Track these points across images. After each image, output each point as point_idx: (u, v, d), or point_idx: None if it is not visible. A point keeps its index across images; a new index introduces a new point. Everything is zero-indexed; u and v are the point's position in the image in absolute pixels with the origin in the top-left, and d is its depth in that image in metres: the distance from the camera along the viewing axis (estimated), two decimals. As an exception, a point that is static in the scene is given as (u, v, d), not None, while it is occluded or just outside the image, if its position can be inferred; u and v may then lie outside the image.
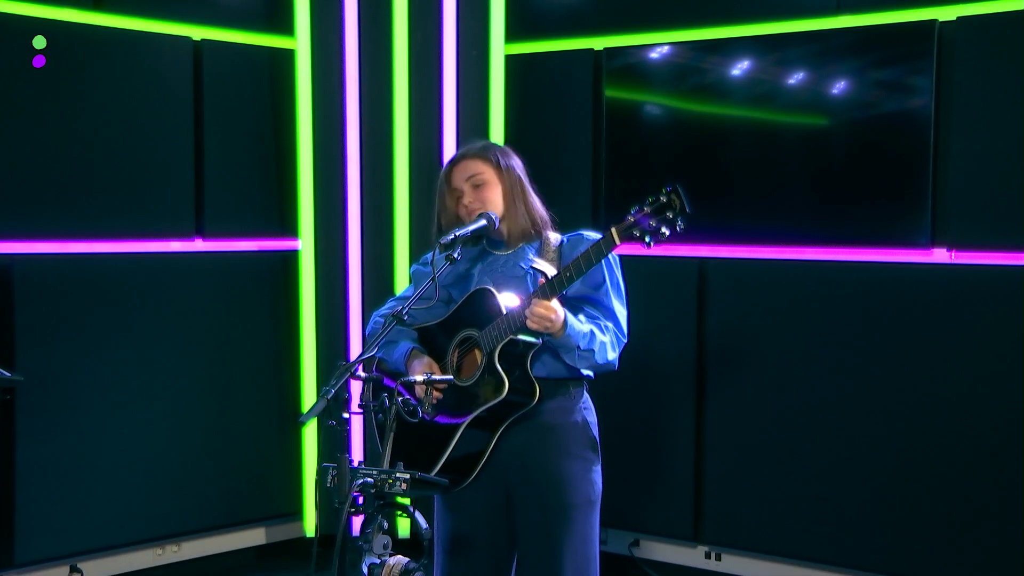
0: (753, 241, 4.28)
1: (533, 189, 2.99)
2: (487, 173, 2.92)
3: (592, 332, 2.79)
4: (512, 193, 2.94)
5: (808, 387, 4.15)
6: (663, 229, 2.61)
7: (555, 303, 2.69)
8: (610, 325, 2.88)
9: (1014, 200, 3.77)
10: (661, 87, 4.53)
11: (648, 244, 2.63)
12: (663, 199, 2.61)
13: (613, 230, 2.65)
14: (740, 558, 4.38)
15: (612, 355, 2.85)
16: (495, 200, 2.92)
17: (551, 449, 2.85)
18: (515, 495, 2.88)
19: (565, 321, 2.71)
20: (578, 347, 2.76)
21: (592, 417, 2.94)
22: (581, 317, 2.82)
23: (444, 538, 2.95)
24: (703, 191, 4.39)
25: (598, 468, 2.92)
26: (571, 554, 2.85)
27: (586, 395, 2.94)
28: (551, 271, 2.77)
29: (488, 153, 2.96)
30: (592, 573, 2.91)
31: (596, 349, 2.79)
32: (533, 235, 2.94)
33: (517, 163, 3.00)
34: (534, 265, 2.81)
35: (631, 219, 2.64)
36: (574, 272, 2.69)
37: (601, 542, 4.47)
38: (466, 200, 2.91)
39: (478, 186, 2.91)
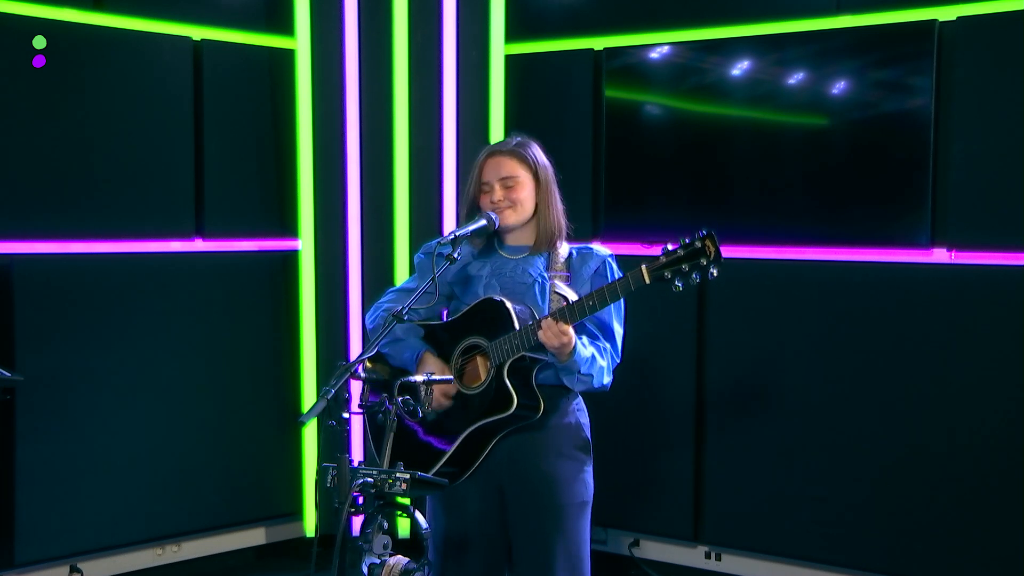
0: (753, 241, 4.28)
1: (560, 194, 2.98)
2: (521, 174, 2.90)
3: (593, 356, 2.81)
4: (546, 196, 2.93)
5: (808, 386, 4.15)
6: (694, 275, 2.60)
7: (570, 330, 2.69)
8: (607, 347, 2.89)
9: (1014, 200, 3.77)
10: (661, 87, 4.53)
11: (677, 288, 2.62)
12: (697, 244, 2.60)
13: (644, 269, 2.65)
14: (740, 558, 4.38)
15: (607, 379, 2.87)
16: (524, 200, 2.90)
17: (544, 449, 2.86)
18: (508, 495, 2.89)
19: (574, 346, 2.72)
20: (579, 371, 2.78)
21: (584, 418, 2.95)
22: (584, 339, 2.82)
23: (438, 538, 2.95)
24: (703, 191, 4.41)
25: (590, 469, 2.93)
26: (564, 554, 2.85)
27: (579, 396, 2.95)
28: (571, 295, 2.79)
29: (526, 152, 2.93)
30: (584, 573, 2.92)
31: (594, 374, 2.81)
32: (554, 241, 2.92)
33: (550, 164, 2.98)
34: (557, 291, 2.82)
35: (663, 259, 2.63)
36: (597, 303, 2.69)
37: (601, 542, 4.52)
38: (495, 197, 2.89)
39: (510, 186, 2.89)
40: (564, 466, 2.87)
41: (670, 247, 2.63)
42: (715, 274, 2.60)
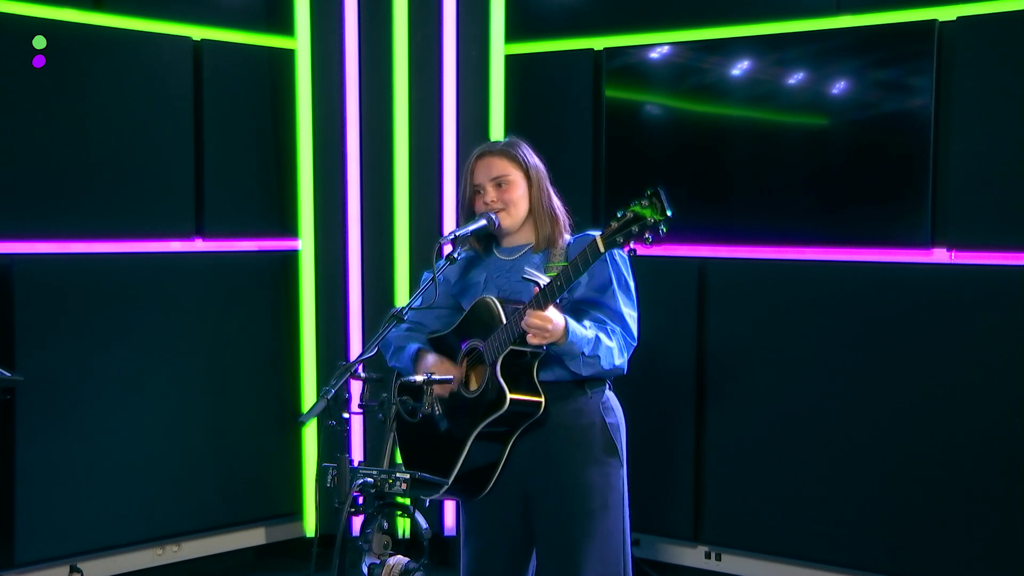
0: (753, 241, 4.28)
1: (554, 189, 2.95)
2: (513, 174, 2.87)
3: (597, 337, 2.73)
4: (539, 195, 2.90)
5: (808, 387, 4.15)
6: (646, 235, 2.54)
7: (551, 311, 2.63)
8: (617, 329, 2.81)
9: (1014, 200, 3.77)
10: (661, 87, 4.53)
11: (632, 252, 2.57)
12: (644, 203, 2.55)
13: (597, 238, 2.60)
14: (740, 558, 4.38)
15: (620, 360, 2.79)
16: (518, 201, 2.87)
17: (566, 452, 2.80)
18: (532, 498, 2.84)
19: (567, 328, 2.66)
20: (582, 353, 2.70)
21: (612, 417, 2.86)
22: (586, 322, 2.76)
23: (465, 538, 2.94)
24: (703, 191, 4.42)
25: (619, 471, 2.85)
26: (591, 559, 2.79)
27: (607, 395, 2.88)
28: (543, 280, 2.70)
29: (515, 152, 2.90)
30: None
31: (601, 355, 2.73)
32: (553, 238, 2.88)
33: (541, 163, 2.95)
34: (524, 276, 2.74)
35: (613, 225, 2.57)
36: (563, 281, 2.62)
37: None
38: (488, 198, 2.86)
39: (501, 186, 2.86)
40: (588, 470, 2.80)
41: (619, 213, 2.58)
42: (664, 231, 2.53)
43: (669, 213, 2.52)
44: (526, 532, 2.88)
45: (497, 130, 4.59)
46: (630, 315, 2.85)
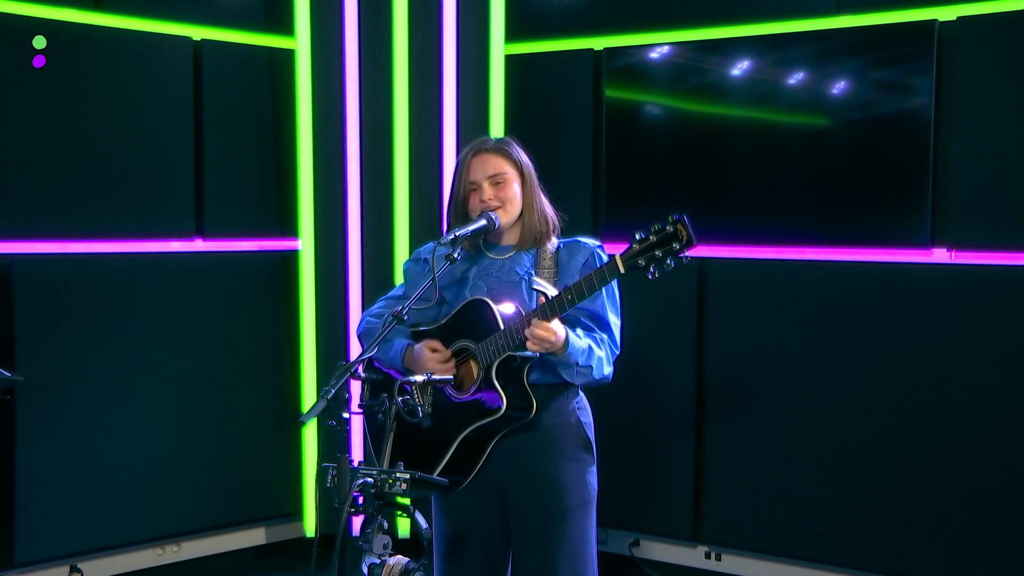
0: (753, 241, 4.28)
1: (542, 189, 2.96)
2: (509, 172, 2.88)
3: (590, 347, 2.77)
4: (531, 194, 2.90)
5: (808, 387, 4.15)
6: (668, 261, 2.57)
7: (556, 323, 2.66)
8: (605, 337, 2.85)
9: (1014, 200, 3.77)
10: (661, 87, 4.53)
11: (652, 275, 2.59)
12: (669, 229, 2.56)
13: (618, 259, 2.62)
14: (740, 558, 4.38)
15: (608, 369, 2.83)
16: (514, 199, 2.87)
17: (545, 451, 2.83)
18: (510, 496, 2.86)
19: (566, 340, 2.69)
20: (576, 364, 2.74)
21: (586, 417, 2.92)
22: (579, 332, 2.79)
23: (440, 539, 2.94)
24: (703, 191, 4.42)
25: (593, 469, 2.91)
26: (566, 555, 2.83)
27: (580, 395, 2.91)
28: (551, 291, 2.74)
29: (510, 150, 2.91)
30: (589, 574, 2.90)
31: (594, 365, 2.77)
32: (543, 238, 2.90)
33: (531, 163, 2.96)
34: (535, 286, 2.78)
35: (635, 247, 2.60)
36: (575, 296, 2.65)
37: (601, 542, 4.52)
38: (486, 196, 2.85)
39: (499, 184, 2.87)
40: (566, 467, 2.84)
41: (640, 235, 2.60)
42: (688, 260, 2.57)
43: (695, 241, 2.54)
44: (503, 531, 2.89)
45: (497, 130, 4.60)
46: (615, 323, 2.89)
